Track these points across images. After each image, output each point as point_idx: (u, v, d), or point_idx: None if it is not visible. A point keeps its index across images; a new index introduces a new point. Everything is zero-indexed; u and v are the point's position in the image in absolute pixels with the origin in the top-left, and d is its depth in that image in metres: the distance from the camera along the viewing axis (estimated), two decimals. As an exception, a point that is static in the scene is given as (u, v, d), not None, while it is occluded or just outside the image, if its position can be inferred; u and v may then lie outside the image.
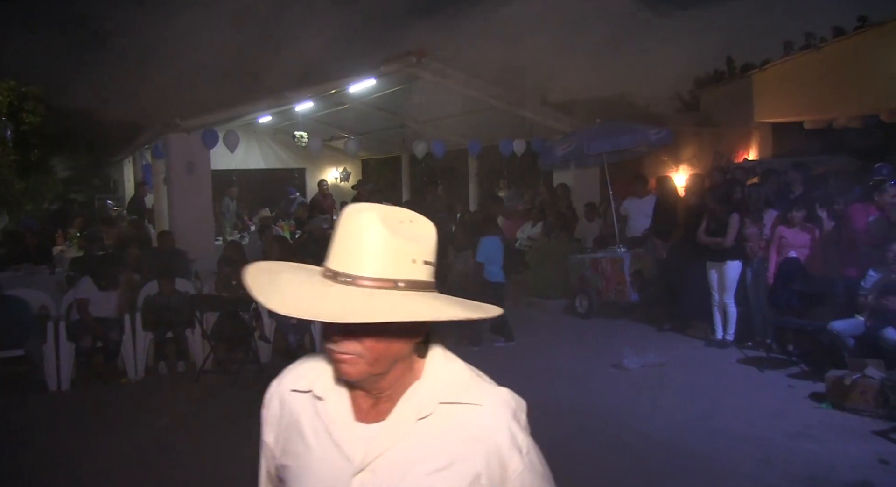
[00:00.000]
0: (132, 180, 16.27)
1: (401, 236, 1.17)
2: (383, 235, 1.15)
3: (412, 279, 1.17)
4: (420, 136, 12.53)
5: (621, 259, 8.29)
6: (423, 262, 1.18)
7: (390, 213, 1.20)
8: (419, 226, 1.21)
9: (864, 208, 6.52)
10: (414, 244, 1.18)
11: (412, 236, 1.18)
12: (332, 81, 9.90)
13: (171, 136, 9.45)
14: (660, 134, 8.85)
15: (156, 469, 4.58)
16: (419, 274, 1.18)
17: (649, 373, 6.23)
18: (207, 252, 9.60)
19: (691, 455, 4.43)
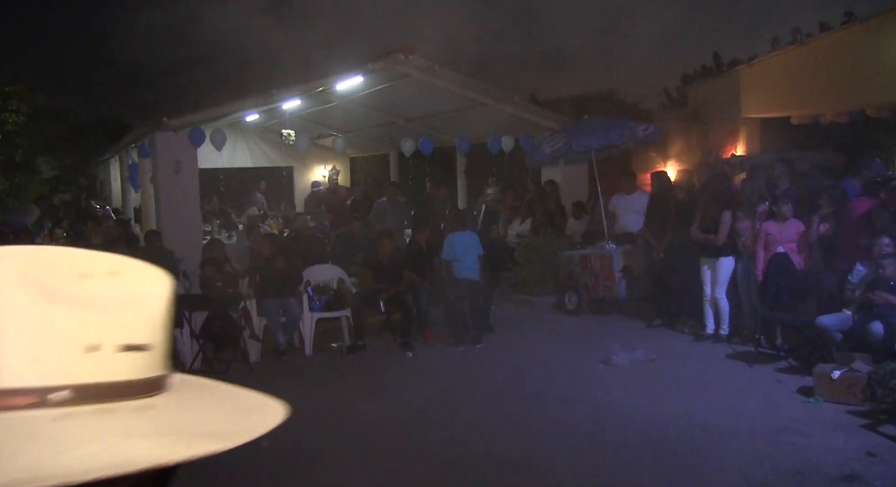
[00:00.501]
0: (119, 180, 16.16)
1: (65, 304, 0.61)
2: (22, 305, 0.59)
3: (86, 384, 0.61)
4: (408, 133, 12.50)
5: (610, 256, 8.30)
6: (119, 347, 0.63)
7: (59, 262, 0.65)
8: (125, 283, 0.66)
9: (864, 202, 6.55)
10: (98, 316, 0.62)
11: (97, 303, 0.62)
12: (319, 79, 9.85)
13: (157, 135, 9.38)
14: (648, 130, 8.86)
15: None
16: (108, 371, 0.63)
17: (638, 369, 6.24)
18: (195, 252, 9.54)
19: (679, 451, 4.44)
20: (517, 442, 4.69)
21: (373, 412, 5.47)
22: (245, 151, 15.02)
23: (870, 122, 12.27)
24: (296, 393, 6.03)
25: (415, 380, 6.26)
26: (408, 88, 10.57)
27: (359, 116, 12.62)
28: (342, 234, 10.22)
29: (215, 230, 12.44)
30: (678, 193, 7.56)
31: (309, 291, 7.56)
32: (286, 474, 4.36)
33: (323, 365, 6.95)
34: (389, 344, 7.51)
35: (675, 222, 7.53)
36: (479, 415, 5.26)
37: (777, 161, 7.60)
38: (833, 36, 12.26)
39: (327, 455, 4.63)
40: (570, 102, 18.06)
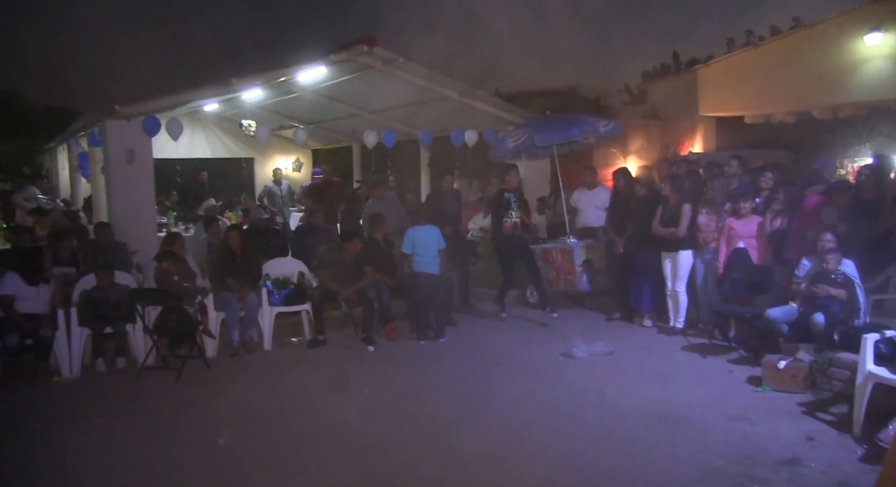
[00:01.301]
0: (67, 169, 15.65)
1: None
2: None
3: None
4: (371, 125, 12.42)
5: (571, 250, 8.39)
6: None
7: None
8: None
9: (814, 199, 6.75)
10: None
11: None
12: (280, 69, 9.69)
13: (109, 123, 9.10)
14: (608, 126, 8.96)
15: (94, 469, 4.44)
16: None
17: (598, 361, 6.34)
18: (150, 244, 9.33)
19: (636, 440, 4.53)
20: (480, 436, 4.72)
21: (334, 407, 5.44)
22: (203, 142, 14.73)
23: (815, 122, 12.69)
24: (255, 389, 5.98)
25: (377, 375, 6.24)
26: (371, 80, 10.50)
27: (321, 107, 12.49)
28: (302, 227, 10.10)
29: (172, 223, 12.19)
30: (639, 188, 7.68)
31: (268, 284, 7.47)
32: (244, 471, 4.31)
33: (283, 360, 6.88)
34: (351, 339, 7.47)
35: (636, 217, 7.65)
36: (442, 409, 5.28)
37: (731, 158, 7.78)
38: (783, 40, 12.63)
39: (288, 451, 4.59)
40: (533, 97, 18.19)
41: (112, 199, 9.36)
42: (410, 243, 7.59)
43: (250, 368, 6.63)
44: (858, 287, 5.65)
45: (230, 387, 6.05)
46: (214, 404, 5.62)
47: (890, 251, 6.39)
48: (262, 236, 9.06)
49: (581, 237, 8.68)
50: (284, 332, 7.64)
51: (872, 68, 10.59)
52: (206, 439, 4.83)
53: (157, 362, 6.63)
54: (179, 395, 5.89)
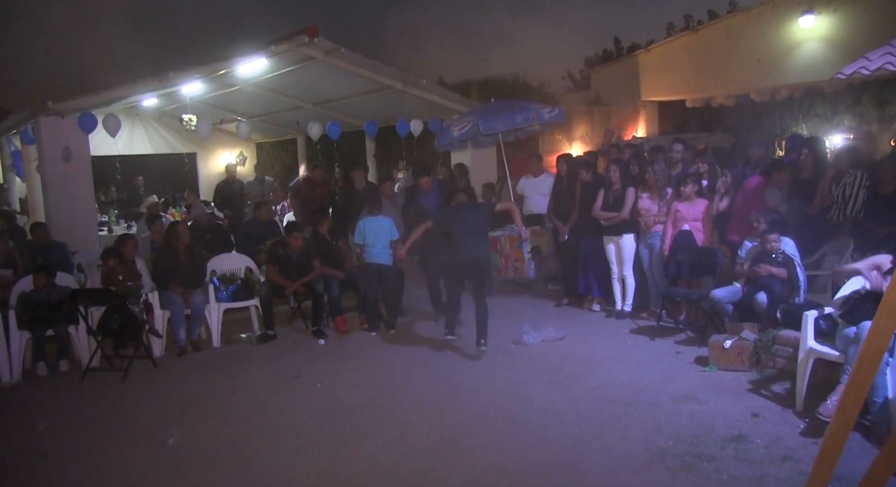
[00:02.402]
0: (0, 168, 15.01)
1: None
2: None
3: None
4: (315, 117, 12.25)
5: (519, 237, 8.46)
6: None
7: None
8: None
9: (756, 180, 6.96)
10: None
11: None
12: (219, 62, 9.44)
13: (42, 119, 8.76)
14: (553, 112, 9.04)
15: (36, 476, 4.30)
16: None
17: (548, 348, 6.43)
18: (91, 244, 9.03)
19: (587, 424, 4.62)
20: (431, 426, 4.74)
21: (286, 402, 5.39)
22: (143, 138, 14.29)
23: (754, 105, 13.08)
24: (203, 387, 5.87)
25: (328, 369, 6.20)
26: (313, 71, 10.34)
27: (264, 100, 12.25)
28: (249, 222, 9.93)
29: (114, 221, 11.82)
30: (584, 174, 7.78)
31: (215, 281, 7.32)
32: (195, 470, 4.24)
33: (232, 357, 6.77)
34: (301, 333, 7.40)
35: (580, 203, 7.76)
36: (394, 401, 5.29)
37: (674, 141, 7.95)
38: (720, 24, 12.96)
39: (240, 448, 4.53)
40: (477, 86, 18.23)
41: (49, 198, 9.03)
42: (361, 233, 7.55)
43: (199, 366, 6.51)
44: (798, 266, 5.85)
45: (178, 386, 5.92)
46: (162, 403, 5.50)
47: (824, 230, 6.66)
48: (206, 232, 8.87)
49: (528, 224, 8.76)
50: (233, 328, 7.52)
51: (806, 51, 10.98)
52: (153, 439, 4.72)
53: (103, 363, 6.45)
54: (126, 396, 5.75)
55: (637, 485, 3.75)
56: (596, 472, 3.94)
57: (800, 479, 3.69)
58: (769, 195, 6.63)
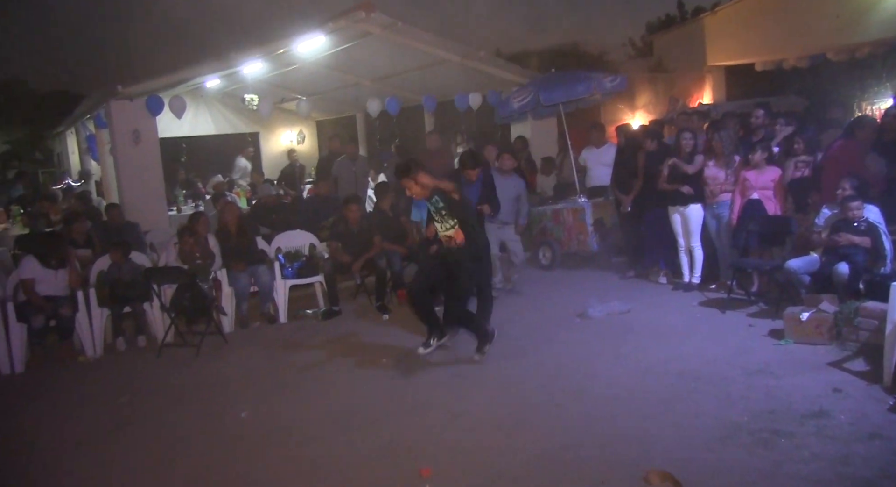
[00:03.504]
0: (77, 152, 15.68)
1: None
2: None
3: None
4: (374, 93, 12.27)
5: (582, 209, 8.32)
6: None
7: None
8: None
9: (843, 145, 6.59)
10: None
11: None
12: (278, 40, 9.54)
13: (113, 103, 9.07)
14: (615, 81, 8.79)
15: (121, 446, 4.50)
16: None
17: (614, 321, 6.31)
18: (161, 223, 9.35)
19: (655, 399, 4.51)
20: (496, 400, 4.73)
21: (350, 377, 5.47)
22: (208, 118, 14.64)
23: (830, 65, 12.37)
24: (272, 362, 6.01)
25: (392, 342, 6.25)
26: (371, 46, 10.33)
27: (322, 78, 12.33)
28: (311, 199, 10.06)
29: (181, 201, 12.19)
30: (648, 143, 7.54)
31: (280, 258, 7.46)
32: (265, 443, 4.35)
33: (298, 333, 6.91)
34: (365, 308, 7.48)
35: (643, 173, 7.53)
36: (459, 374, 5.29)
37: (756, 106, 7.54)
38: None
39: (305, 423, 4.61)
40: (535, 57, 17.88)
41: (121, 180, 9.37)
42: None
43: (267, 341, 6.67)
44: (884, 234, 5.53)
45: (248, 361, 6.09)
46: (233, 378, 5.66)
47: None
48: (272, 211, 9.04)
49: (591, 196, 8.59)
50: (299, 304, 7.67)
51: (891, 4, 10.23)
52: (226, 413, 4.87)
53: (176, 339, 6.68)
54: (199, 371, 5.95)
55: (711, 462, 3.63)
56: (667, 447, 3.84)
57: (890, 458, 3.50)
58: (871, 161, 6.24)
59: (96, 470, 4.17)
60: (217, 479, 3.93)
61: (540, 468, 3.74)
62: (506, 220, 7.31)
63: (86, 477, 4.09)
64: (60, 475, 4.15)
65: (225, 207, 7.74)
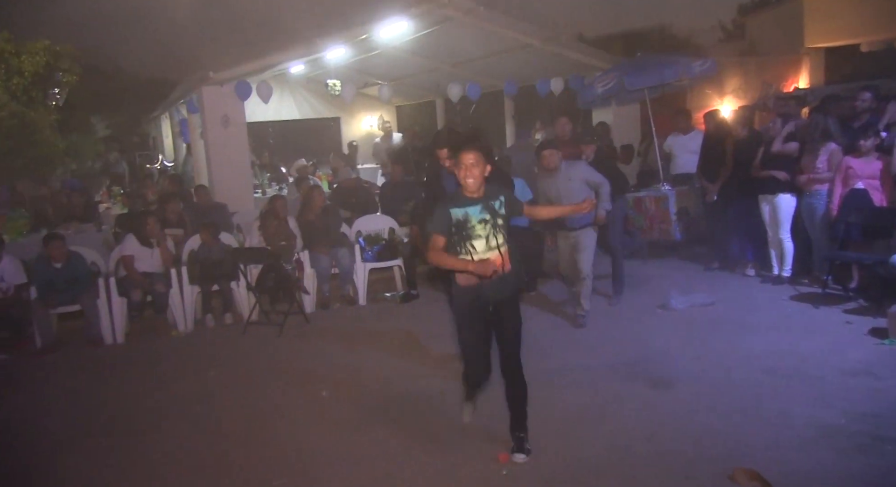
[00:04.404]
0: (170, 136, 16.43)
1: None
2: None
3: None
4: (454, 78, 12.25)
5: (665, 197, 8.06)
6: None
7: None
8: None
9: None
10: None
11: None
12: (361, 26, 9.66)
13: (204, 89, 9.42)
14: (704, 65, 8.45)
15: (208, 417, 4.70)
16: None
17: (698, 313, 6.10)
18: (247, 205, 9.67)
19: (742, 395, 4.34)
20: (577, 391, 4.66)
21: (428, 360, 5.51)
22: (292, 104, 15.03)
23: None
24: (352, 343, 6.13)
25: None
26: (452, 31, 10.29)
27: (403, 63, 12.41)
28: (386, 183, 10.16)
29: (266, 184, 12.57)
30: (739, 130, 7.21)
31: (361, 241, 7.59)
32: (342, 420, 4.44)
33: (377, 315, 7.02)
34: (442, 293, 7.52)
35: (732, 161, 7.22)
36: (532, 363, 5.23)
37: (862, 89, 7.03)
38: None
39: (379, 409, 4.69)
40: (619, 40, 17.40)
41: (210, 162, 9.74)
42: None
43: (347, 322, 6.81)
44: None
45: (329, 341, 6.24)
46: (314, 357, 5.82)
47: None
48: (352, 195, 9.19)
49: (676, 184, 8.31)
50: (378, 287, 7.79)
51: None
52: (307, 390, 5.01)
53: (261, 317, 6.92)
54: (282, 349, 6.15)
55: (803, 464, 3.46)
56: (754, 445, 3.69)
57: None
58: None
59: (187, 435, 4.38)
60: (299, 448, 4.04)
61: (621, 459, 3.67)
62: (577, 224, 5.89)
63: (181, 440, 4.30)
64: (159, 436, 4.39)
65: (310, 190, 7.93)
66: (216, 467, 3.95)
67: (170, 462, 4.07)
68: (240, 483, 3.75)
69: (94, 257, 7.14)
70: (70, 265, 6.55)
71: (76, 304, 6.54)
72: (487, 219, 3.68)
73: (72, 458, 4.22)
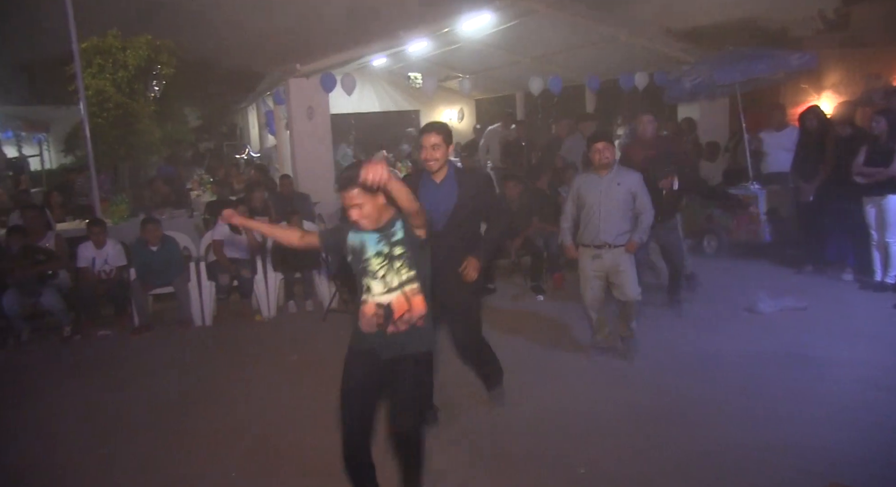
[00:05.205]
0: (256, 126, 16.99)
1: None
2: None
3: None
4: (534, 72, 12.14)
5: (755, 196, 7.77)
6: None
7: None
8: None
9: None
10: None
11: None
12: (445, 19, 9.70)
13: (291, 81, 9.69)
14: (803, 58, 8.04)
15: (288, 400, 4.86)
16: None
17: (787, 318, 5.85)
18: (329, 195, 9.90)
19: (832, 405, 4.15)
20: (657, 393, 4.57)
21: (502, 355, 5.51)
22: (373, 96, 15.26)
23: None
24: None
25: (545, 324, 6.22)
26: (534, 24, 10.20)
27: (484, 56, 12.38)
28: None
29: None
30: (841, 128, 6.83)
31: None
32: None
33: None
34: (520, 287, 7.49)
35: (832, 160, 6.86)
36: (612, 363, 5.16)
37: None
38: None
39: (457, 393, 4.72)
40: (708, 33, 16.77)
41: (294, 153, 10.02)
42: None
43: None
44: None
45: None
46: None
47: None
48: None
49: (767, 183, 7.98)
50: (455, 280, 7.82)
51: None
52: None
53: (340, 306, 7.08)
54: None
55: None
56: (849, 461, 3.52)
57: None
58: None
59: (265, 416, 4.56)
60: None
61: (699, 466, 3.58)
62: (616, 241, 4.98)
63: (256, 419, 4.48)
64: (237, 414, 4.58)
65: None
66: (290, 450, 4.09)
67: (243, 439, 4.24)
68: (312, 464, 3.85)
69: (186, 242, 7.48)
70: (165, 249, 6.89)
71: (169, 286, 6.87)
72: (384, 252, 2.99)
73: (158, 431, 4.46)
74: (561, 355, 5.39)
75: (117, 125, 13.67)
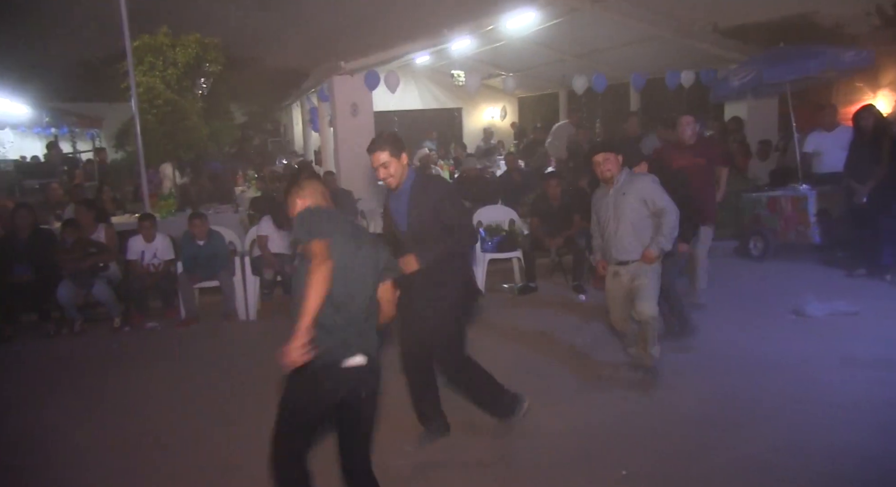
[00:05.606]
0: (300, 123, 17.23)
1: None
2: None
3: None
4: (578, 70, 12.04)
5: (805, 198, 7.58)
6: None
7: None
8: None
9: None
10: None
11: None
12: (488, 16, 9.70)
13: (335, 78, 9.80)
14: (859, 55, 7.81)
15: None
16: None
17: (838, 322, 5.69)
18: (371, 193, 9.99)
19: (888, 411, 4.03)
20: (701, 398, 4.50)
21: (541, 352, 5.49)
22: (415, 93, 15.34)
23: None
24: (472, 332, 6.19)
25: (586, 324, 6.17)
26: (578, 22, 10.13)
27: (527, 54, 12.34)
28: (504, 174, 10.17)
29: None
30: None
31: (481, 231, 7.65)
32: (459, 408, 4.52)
33: (495, 305, 7.05)
34: (561, 287, 7.45)
35: (887, 160, 6.65)
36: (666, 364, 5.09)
37: None
38: None
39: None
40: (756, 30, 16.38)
41: (338, 149, 10.14)
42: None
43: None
44: None
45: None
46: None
47: None
48: (474, 185, 9.28)
49: (818, 184, 7.77)
50: (497, 278, 7.82)
51: None
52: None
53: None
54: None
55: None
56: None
57: None
58: None
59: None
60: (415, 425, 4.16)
61: (747, 470, 3.52)
62: (632, 257, 4.61)
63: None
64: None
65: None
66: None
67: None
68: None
69: (231, 237, 7.64)
70: (211, 243, 7.05)
71: (215, 280, 7.02)
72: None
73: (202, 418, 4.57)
74: (606, 356, 5.35)
75: (166, 122, 14.02)
